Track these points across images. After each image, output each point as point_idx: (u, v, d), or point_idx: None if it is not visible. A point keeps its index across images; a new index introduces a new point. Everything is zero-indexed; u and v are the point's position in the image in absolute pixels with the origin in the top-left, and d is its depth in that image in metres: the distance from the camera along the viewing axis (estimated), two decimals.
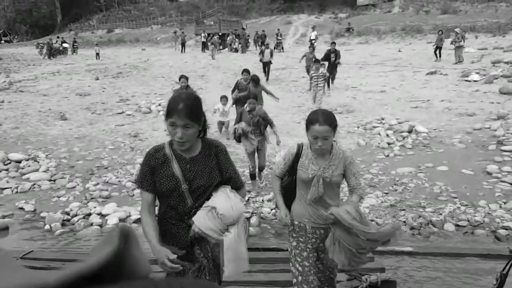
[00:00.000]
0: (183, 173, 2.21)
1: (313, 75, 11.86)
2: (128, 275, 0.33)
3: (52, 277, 0.26)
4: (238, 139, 6.30)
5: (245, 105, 6.55)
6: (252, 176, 6.55)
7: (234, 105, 9.34)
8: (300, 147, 2.89)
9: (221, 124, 9.91)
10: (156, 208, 2.36)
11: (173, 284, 0.34)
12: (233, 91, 9.37)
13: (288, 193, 2.97)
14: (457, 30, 17.94)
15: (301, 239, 2.90)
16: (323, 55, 14.48)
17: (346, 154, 2.84)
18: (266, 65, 17.12)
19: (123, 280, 0.32)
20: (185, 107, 2.03)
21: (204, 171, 2.27)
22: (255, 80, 9.17)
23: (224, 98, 9.79)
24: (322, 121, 2.59)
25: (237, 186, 2.43)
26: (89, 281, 0.28)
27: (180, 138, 2.06)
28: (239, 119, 6.33)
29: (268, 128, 6.50)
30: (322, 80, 11.71)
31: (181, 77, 8.60)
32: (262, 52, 17.49)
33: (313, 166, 2.77)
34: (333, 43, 15.41)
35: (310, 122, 2.65)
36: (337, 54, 14.41)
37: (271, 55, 17.45)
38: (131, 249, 0.34)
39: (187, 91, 2.29)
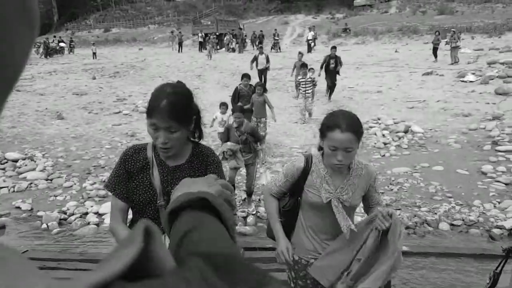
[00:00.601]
0: (162, 184, 1.82)
1: (300, 80, 10.60)
2: (152, 272, 0.33)
3: (81, 285, 0.25)
4: (225, 159, 5.78)
5: (232, 121, 5.89)
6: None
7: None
8: (308, 160, 2.23)
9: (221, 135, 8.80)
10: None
11: (207, 277, 0.33)
12: (233, 98, 8.57)
13: (288, 218, 2.35)
14: (453, 30, 18.05)
15: (309, 281, 2.32)
16: (322, 61, 13.09)
17: (370, 169, 2.24)
18: (262, 73, 14.82)
19: (148, 277, 0.32)
20: (169, 105, 1.63)
21: None
22: (262, 87, 8.55)
23: (223, 106, 7.94)
24: (345, 126, 1.96)
25: None
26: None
27: (163, 143, 1.68)
28: (226, 138, 5.79)
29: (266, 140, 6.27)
30: (310, 87, 10.50)
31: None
32: (255, 59, 14.85)
33: (328, 186, 2.16)
34: (334, 47, 13.29)
35: (327, 127, 2.03)
36: (337, 60, 12.69)
37: (267, 61, 14.92)
38: (155, 247, 0.33)
39: (174, 83, 1.82)
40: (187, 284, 0.31)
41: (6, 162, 7.79)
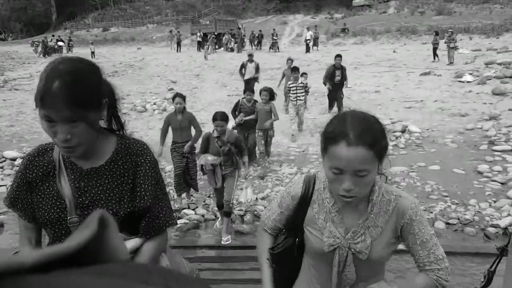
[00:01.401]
0: (74, 194, 1.34)
1: (290, 86, 9.00)
2: (106, 260, 0.33)
3: (29, 257, 0.25)
4: (204, 173, 5.10)
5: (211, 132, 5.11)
6: (220, 207, 5.23)
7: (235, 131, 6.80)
8: (308, 186, 1.55)
9: None
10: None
11: (157, 270, 0.31)
12: (233, 111, 7.36)
13: (283, 264, 1.64)
14: (450, 30, 18.11)
15: None
16: (326, 72, 10.70)
17: (403, 202, 1.45)
18: (249, 83, 11.60)
19: (101, 263, 0.31)
20: (65, 88, 1.16)
21: (108, 194, 1.37)
22: (269, 93, 7.29)
23: (224, 120, 6.49)
24: (354, 137, 1.27)
25: (151, 229, 1.42)
26: (67, 263, 0.28)
27: (64, 140, 1.22)
28: (204, 148, 4.97)
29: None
30: (302, 93, 9.09)
31: (176, 96, 6.02)
32: (243, 67, 12.31)
33: (334, 228, 1.47)
34: (339, 56, 10.54)
35: (328, 138, 1.34)
36: (343, 72, 10.51)
37: (257, 70, 12.30)
38: (109, 235, 0.33)
39: (72, 57, 1.17)
40: (144, 270, 0.30)
41: (4, 161, 7.82)
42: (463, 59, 17.51)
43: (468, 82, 13.62)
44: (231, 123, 6.72)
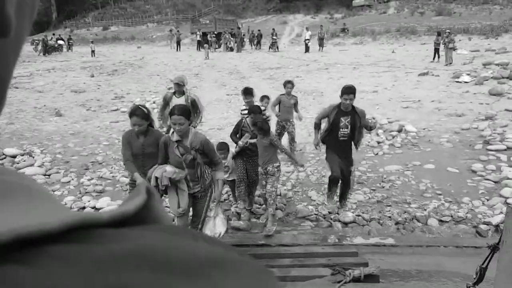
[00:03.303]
0: None
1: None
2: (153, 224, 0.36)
3: (104, 214, 0.28)
4: (164, 192, 3.86)
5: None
6: None
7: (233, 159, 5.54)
8: None
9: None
10: None
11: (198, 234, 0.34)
12: (235, 133, 5.49)
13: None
14: (448, 31, 18.20)
15: None
16: (320, 115, 5.90)
17: None
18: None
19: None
20: None
21: None
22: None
23: (223, 149, 5.34)
24: None
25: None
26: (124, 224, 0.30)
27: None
28: (163, 158, 3.87)
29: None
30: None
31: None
32: (166, 103, 6.58)
33: None
34: (350, 90, 5.48)
35: None
36: (356, 120, 5.47)
37: (198, 110, 6.84)
38: (155, 203, 0.36)
39: None
40: (187, 232, 0.33)
41: (5, 158, 7.90)
42: (461, 59, 17.61)
43: (466, 82, 13.70)
44: (231, 150, 5.50)
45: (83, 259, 0.23)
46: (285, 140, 7.75)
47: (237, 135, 5.40)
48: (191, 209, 4.10)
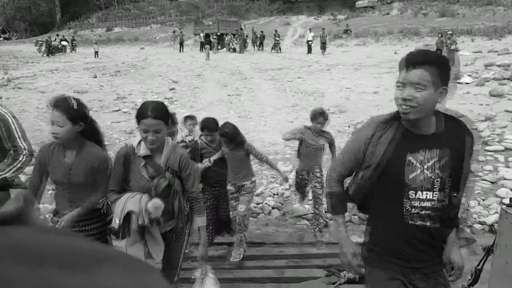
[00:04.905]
0: None
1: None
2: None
3: None
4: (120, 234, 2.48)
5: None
6: None
7: None
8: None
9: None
10: None
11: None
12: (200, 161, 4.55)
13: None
14: (449, 32, 18.19)
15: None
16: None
17: None
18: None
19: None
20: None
21: None
22: (232, 137, 3.99)
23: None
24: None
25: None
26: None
27: None
28: (119, 181, 2.71)
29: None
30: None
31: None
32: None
33: None
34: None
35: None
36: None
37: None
38: (31, 210, 0.38)
39: None
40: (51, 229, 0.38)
41: None
42: (463, 60, 17.58)
43: (467, 83, 13.70)
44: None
45: None
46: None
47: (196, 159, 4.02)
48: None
